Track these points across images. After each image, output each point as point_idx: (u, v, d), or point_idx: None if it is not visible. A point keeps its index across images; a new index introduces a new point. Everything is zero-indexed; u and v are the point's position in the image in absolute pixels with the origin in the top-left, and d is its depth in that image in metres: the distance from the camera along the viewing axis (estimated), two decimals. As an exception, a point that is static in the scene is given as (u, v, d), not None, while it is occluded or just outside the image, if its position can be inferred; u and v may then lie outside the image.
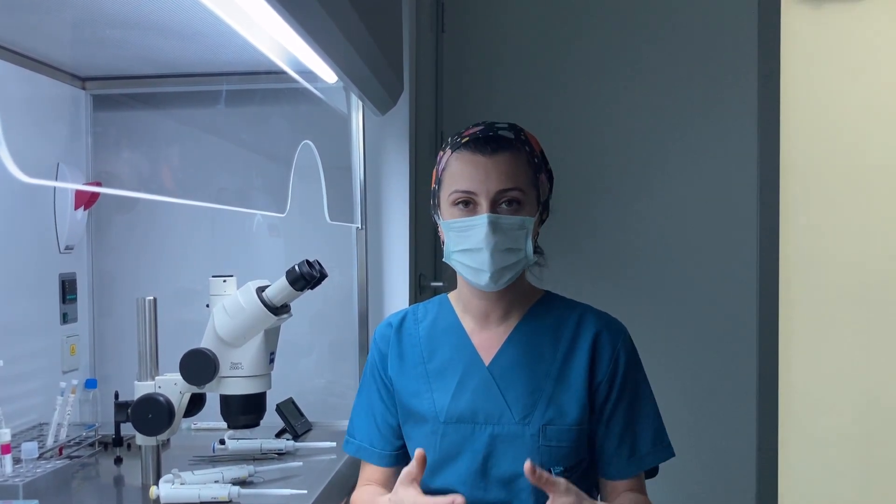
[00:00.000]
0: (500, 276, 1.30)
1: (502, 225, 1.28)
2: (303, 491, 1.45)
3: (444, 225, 1.34)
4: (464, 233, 1.30)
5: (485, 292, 1.36)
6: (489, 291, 1.35)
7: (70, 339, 2.04)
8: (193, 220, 2.19)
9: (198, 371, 1.49)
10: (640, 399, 1.38)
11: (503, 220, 1.29)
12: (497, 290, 1.34)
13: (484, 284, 1.30)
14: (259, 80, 1.96)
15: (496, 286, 1.31)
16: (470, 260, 1.30)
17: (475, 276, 1.31)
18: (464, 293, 1.41)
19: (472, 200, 1.30)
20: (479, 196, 1.29)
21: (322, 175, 1.94)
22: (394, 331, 1.45)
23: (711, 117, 2.73)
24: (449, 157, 1.35)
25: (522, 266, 1.33)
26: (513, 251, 1.30)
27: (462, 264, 1.32)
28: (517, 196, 1.30)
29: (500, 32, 2.84)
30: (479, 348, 1.39)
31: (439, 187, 1.37)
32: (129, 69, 2.01)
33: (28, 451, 1.49)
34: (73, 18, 1.54)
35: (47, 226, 1.97)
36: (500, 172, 1.29)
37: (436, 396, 1.37)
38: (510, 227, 1.29)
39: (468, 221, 1.29)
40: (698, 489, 2.72)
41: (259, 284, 1.52)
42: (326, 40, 1.35)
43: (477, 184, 1.29)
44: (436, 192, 1.39)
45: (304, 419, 1.94)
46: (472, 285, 1.35)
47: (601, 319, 1.40)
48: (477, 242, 1.28)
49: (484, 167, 1.30)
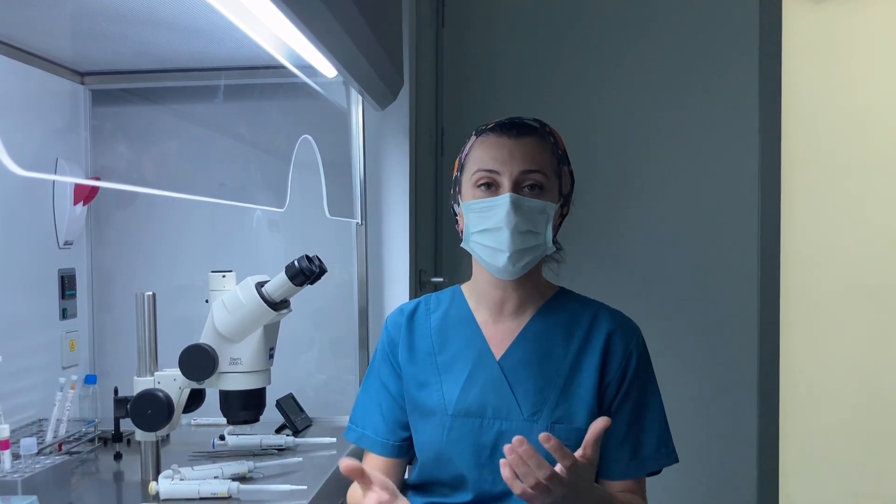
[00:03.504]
0: (519, 258, 1.29)
1: (524, 206, 1.28)
2: (303, 487, 1.45)
3: (464, 206, 1.33)
4: (485, 213, 1.30)
5: (500, 281, 1.35)
6: (505, 280, 1.34)
7: (69, 335, 2.04)
8: (193, 216, 2.19)
9: (197, 366, 1.49)
10: (646, 402, 1.37)
11: (525, 201, 1.29)
12: (513, 280, 1.34)
13: (502, 266, 1.29)
14: (258, 74, 1.95)
15: (513, 269, 1.30)
16: (489, 240, 1.29)
17: (493, 256, 1.30)
18: (479, 283, 1.40)
19: (494, 181, 1.30)
20: (502, 176, 1.30)
21: (322, 170, 1.94)
22: (405, 319, 1.44)
23: (712, 113, 2.73)
24: (473, 142, 1.36)
25: (541, 253, 1.32)
26: (533, 234, 1.30)
27: (481, 245, 1.31)
28: (540, 180, 1.30)
29: (500, 27, 2.83)
30: (491, 342, 1.38)
31: (462, 173, 1.37)
32: (128, 64, 2.01)
33: (27, 447, 1.48)
34: (71, 13, 1.53)
35: (46, 221, 1.97)
36: (524, 154, 1.30)
37: (445, 388, 1.36)
38: (531, 209, 1.29)
39: (490, 202, 1.29)
40: (699, 484, 2.72)
41: (258, 280, 1.51)
42: (326, 34, 1.35)
43: (500, 164, 1.30)
44: (458, 178, 1.38)
45: (304, 415, 1.94)
46: (488, 271, 1.34)
47: (615, 319, 1.39)
48: (497, 222, 1.28)
49: (508, 148, 1.31)
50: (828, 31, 2.58)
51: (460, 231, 1.38)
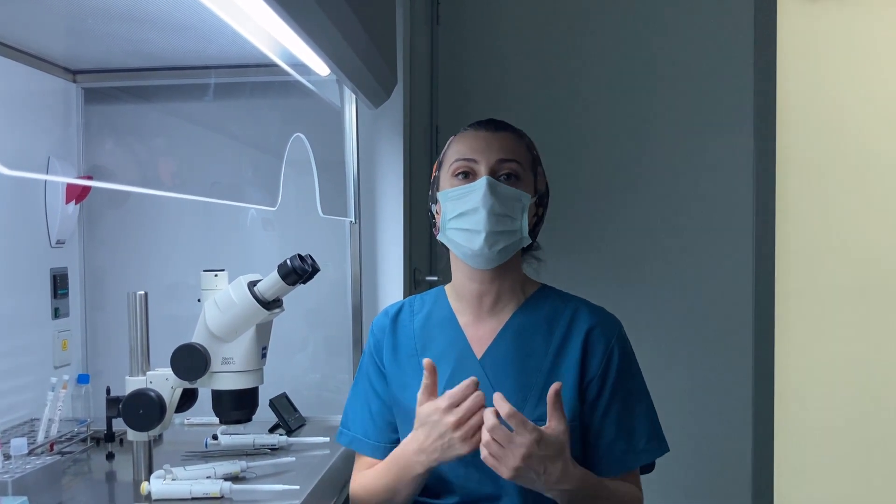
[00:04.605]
0: (495, 240, 1.30)
1: (500, 191, 1.31)
2: (295, 486, 1.44)
3: (441, 195, 1.36)
4: (462, 198, 1.32)
5: (477, 273, 1.36)
6: (483, 269, 1.34)
7: (62, 334, 2.03)
8: (185, 215, 2.18)
9: (189, 366, 1.48)
10: (634, 395, 1.37)
11: (501, 187, 1.32)
12: (489, 271, 1.34)
13: (478, 248, 1.30)
14: (250, 72, 1.95)
15: (489, 252, 1.31)
16: (466, 223, 1.31)
17: (470, 239, 1.31)
18: (457, 278, 1.41)
19: (472, 170, 1.34)
20: (479, 164, 1.33)
21: (314, 168, 1.93)
22: (390, 321, 1.45)
23: (707, 110, 2.73)
24: (451, 140, 1.41)
25: (516, 241, 1.33)
26: (509, 218, 1.31)
27: (457, 230, 1.32)
28: (516, 169, 1.34)
29: (495, 24, 2.83)
30: (472, 341, 1.38)
31: (440, 170, 1.40)
32: (120, 62, 2.00)
33: (17, 447, 1.47)
34: (63, 10, 1.53)
35: (38, 220, 1.96)
36: (501, 145, 1.35)
37: None
38: (507, 196, 1.32)
39: (467, 187, 1.33)
40: (694, 482, 2.72)
41: (251, 279, 1.50)
42: (318, 32, 1.34)
43: (478, 153, 1.34)
44: (436, 177, 1.41)
45: (297, 414, 1.93)
46: (465, 260, 1.35)
47: (595, 315, 1.39)
48: (474, 203, 1.30)
49: (486, 139, 1.35)
50: (823, 29, 2.58)
51: (436, 230, 1.40)
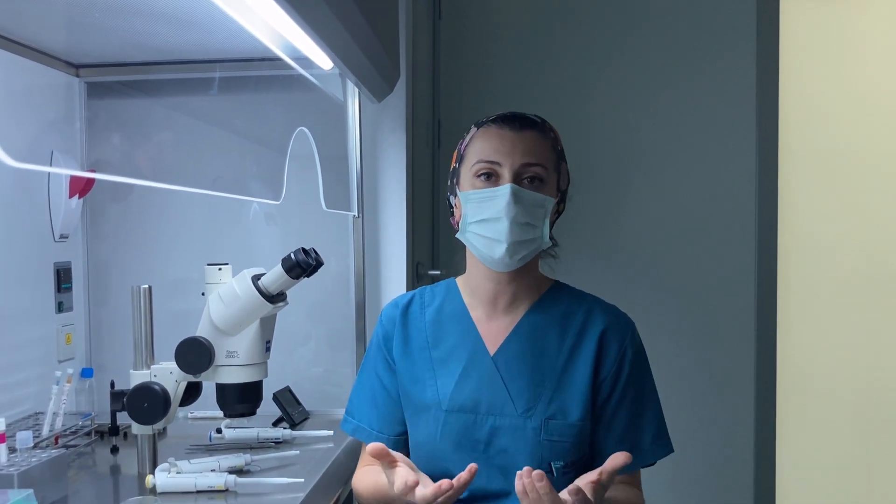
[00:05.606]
0: (516, 250, 1.29)
1: (524, 198, 1.28)
2: (300, 479, 1.44)
3: (463, 196, 1.33)
4: (483, 203, 1.29)
5: (495, 274, 1.35)
6: (501, 272, 1.34)
7: (66, 329, 2.03)
8: (189, 209, 2.18)
9: (193, 360, 1.48)
10: (644, 396, 1.37)
11: (525, 193, 1.29)
12: (508, 272, 1.34)
13: (498, 258, 1.29)
14: (254, 66, 1.95)
15: (510, 260, 1.29)
16: (487, 230, 1.29)
17: (491, 247, 1.29)
18: (473, 276, 1.40)
19: (494, 172, 1.30)
20: (503, 167, 1.30)
21: (318, 163, 1.93)
22: (400, 313, 1.44)
23: (710, 108, 2.72)
24: (474, 134, 1.36)
25: (537, 247, 1.32)
26: (531, 227, 1.29)
27: (478, 235, 1.31)
28: (540, 173, 1.31)
29: (497, 19, 2.82)
30: (485, 337, 1.37)
31: (461, 164, 1.37)
32: (123, 56, 2.00)
33: (23, 441, 1.48)
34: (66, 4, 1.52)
35: (42, 214, 1.96)
36: (525, 147, 1.31)
37: (439, 384, 1.36)
38: (531, 202, 1.29)
39: (490, 192, 1.29)
40: (695, 478, 2.72)
41: (255, 272, 1.51)
42: (322, 26, 1.34)
43: (502, 156, 1.30)
44: (456, 169, 1.38)
45: (301, 408, 1.94)
46: (484, 263, 1.34)
47: (609, 314, 1.39)
48: (497, 212, 1.28)
49: (510, 140, 1.31)
50: (825, 27, 2.58)
51: (455, 223, 1.37)
